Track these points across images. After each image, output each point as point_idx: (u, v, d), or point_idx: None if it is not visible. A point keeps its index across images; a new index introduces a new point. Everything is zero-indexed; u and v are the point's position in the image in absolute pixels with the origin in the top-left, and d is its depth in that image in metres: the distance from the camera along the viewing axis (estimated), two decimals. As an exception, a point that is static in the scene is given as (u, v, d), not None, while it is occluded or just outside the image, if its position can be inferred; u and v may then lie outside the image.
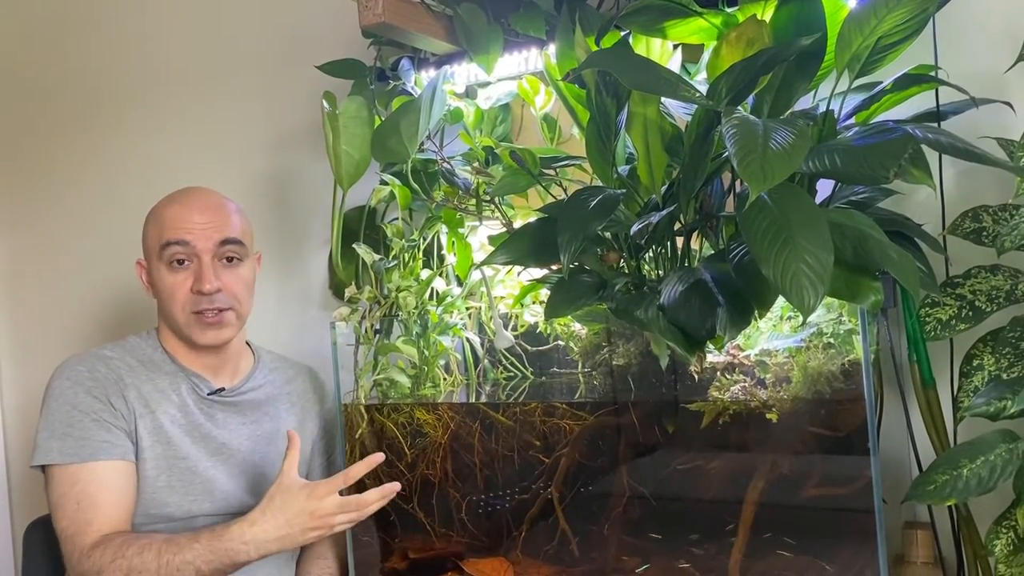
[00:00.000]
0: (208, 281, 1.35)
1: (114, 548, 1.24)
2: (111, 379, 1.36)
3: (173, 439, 1.37)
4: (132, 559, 1.23)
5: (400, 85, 1.50)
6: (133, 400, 1.36)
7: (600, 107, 1.15)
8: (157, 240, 1.37)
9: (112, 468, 1.31)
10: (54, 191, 2.14)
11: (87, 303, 2.09)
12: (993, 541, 1.12)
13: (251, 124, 1.89)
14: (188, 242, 1.36)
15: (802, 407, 1.11)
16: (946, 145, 1.06)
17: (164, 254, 1.36)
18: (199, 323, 1.37)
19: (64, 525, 1.29)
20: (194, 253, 1.36)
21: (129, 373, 1.38)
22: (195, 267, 1.36)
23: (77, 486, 1.29)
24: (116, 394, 1.35)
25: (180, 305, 1.37)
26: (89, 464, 1.30)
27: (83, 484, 1.29)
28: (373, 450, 1.37)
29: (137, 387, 1.37)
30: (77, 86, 2.10)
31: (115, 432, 1.33)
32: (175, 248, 1.36)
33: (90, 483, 1.30)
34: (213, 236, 1.37)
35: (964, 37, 1.29)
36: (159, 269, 1.38)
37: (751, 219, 0.96)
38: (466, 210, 1.42)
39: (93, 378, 1.36)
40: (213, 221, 1.37)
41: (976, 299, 1.17)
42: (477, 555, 1.33)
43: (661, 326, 1.05)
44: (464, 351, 1.46)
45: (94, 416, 1.32)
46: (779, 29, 1.10)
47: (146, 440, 1.35)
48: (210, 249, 1.36)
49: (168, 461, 1.35)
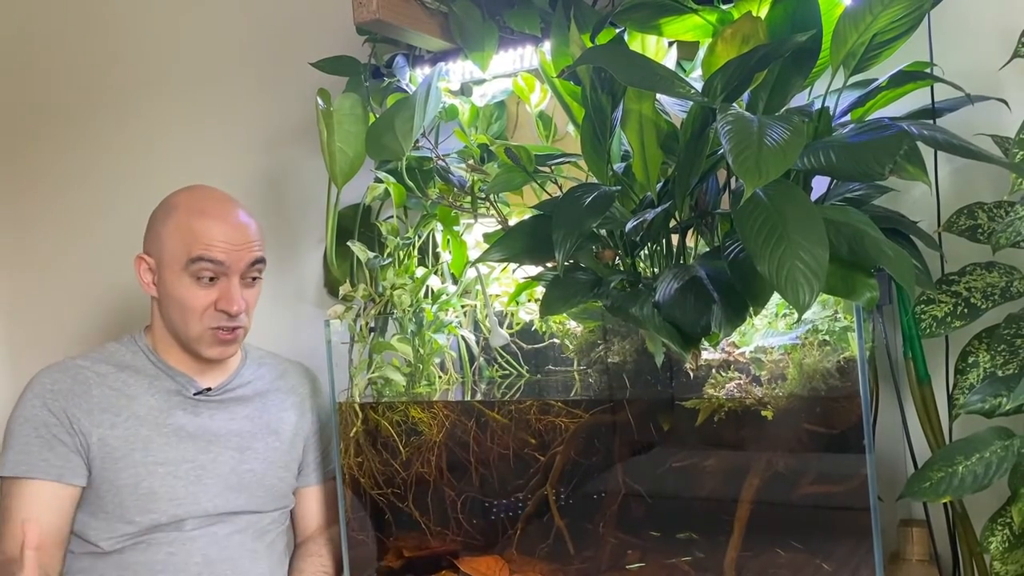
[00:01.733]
0: (237, 303, 1.35)
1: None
2: (76, 392, 1.36)
3: (151, 444, 1.36)
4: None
5: (395, 82, 1.50)
6: (99, 413, 1.35)
7: (595, 104, 1.15)
8: (184, 252, 1.34)
9: (38, 488, 1.31)
10: (51, 191, 2.13)
11: (87, 303, 2.08)
12: (989, 538, 1.12)
13: (245, 121, 1.88)
14: (223, 262, 1.34)
15: (797, 404, 1.11)
16: (942, 142, 1.05)
17: (191, 268, 1.34)
18: (214, 339, 1.37)
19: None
20: (224, 272, 1.35)
21: (99, 382, 1.37)
22: (222, 285, 1.35)
23: (6, 499, 1.32)
24: (76, 407, 1.35)
25: (198, 318, 1.36)
26: (21, 480, 1.31)
27: (10, 499, 1.31)
28: (368, 448, 1.37)
29: (105, 397, 1.36)
30: (71, 86, 2.10)
31: (59, 451, 1.32)
32: (206, 265, 1.34)
33: (14, 497, 1.31)
34: (245, 257, 1.36)
35: (959, 34, 1.29)
36: (180, 279, 1.35)
37: (746, 216, 0.95)
38: (461, 207, 1.41)
39: (54, 391, 1.35)
40: (246, 241, 1.37)
41: (971, 296, 1.17)
42: (472, 553, 1.33)
43: (656, 323, 1.05)
44: (459, 349, 1.46)
45: (40, 432, 1.33)
46: (774, 26, 1.10)
47: (119, 450, 1.34)
48: (241, 270, 1.36)
49: (148, 467, 1.34)
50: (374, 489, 1.38)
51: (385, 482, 1.37)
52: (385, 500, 1.37)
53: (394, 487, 1.36)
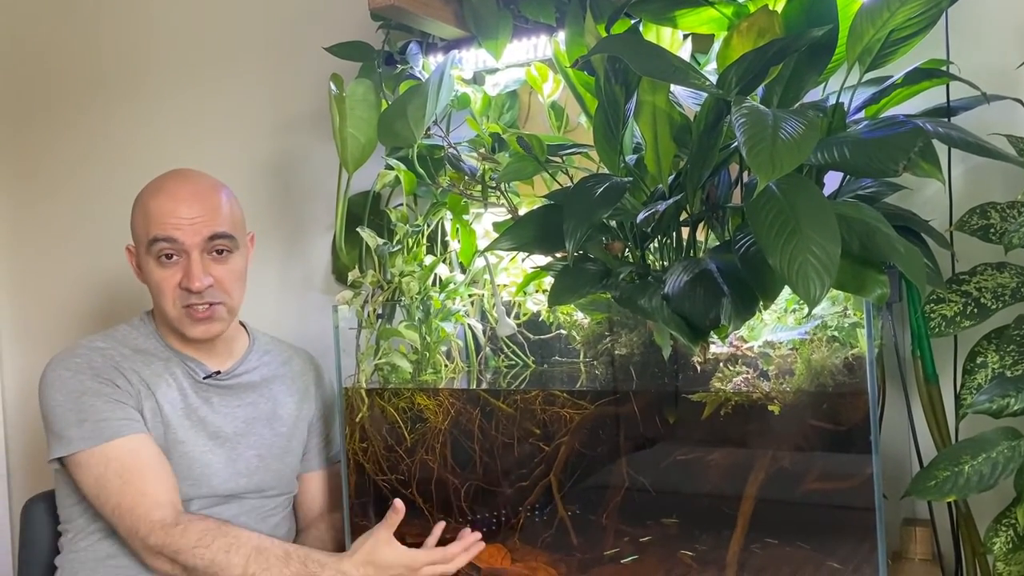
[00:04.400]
0: (197, 279, 1.32)
1: (197, 534, 1.23)
2: (109, 365, 1.36)
3: (172, 422, 1.36)
4: (217, 554, 1.22)
5: (408, 69, 1.49)
6: (136, 382, 1.36)
7: (609, 95, 1.14)
8: (144, 234, 1.34)
9: (139, 441, 1.30)
10: (57, 176, 2.14)
11: (90, 286, 2.08)
12: (992, 539, 1.11)
13: (256, 106, 1.88)
14: (176, 239, 1.32)
15: (804, 400, 1.11)
16: (956, 140, 1.05)
17: (152, 249, 1.33)
18: (189, 317, 1.36)
19: (116, 502, 1.27)
20: (183, 249, 1.33)
21: (124, 360, 1.37)
22: (184, 263, 1.33)
23: (112, 463, 1.28)
24: (119, 376, 1.35)
25: (170, 300, 1.35)
26: (116, 441, 1.29)
27: (118, 460, 1.28)
28: (373, 434, 1.37)
29: (136, 371, 1.37)
30: (80, 70, 2.10)
31: (128, 410, 1.32)
32: (162, 244, 1.33)
33: (125, 456, 1.28)
34: (202, 231, 1.33)
35: (976, 32, 1.28)
36: (147, 262, 1.35)
37: (759, 209, 0.95)
38: (471, 196, 1.41)
39: (91, 366, 1.35)
40: (202, 215, 1.34)
41: (982, 296, 1.16)
42: (475, 542, 1.33)
43: (665, 315, 1.05)
44: (466, 338, 1.46)
45: (106, 398, 1.32)
46: (790, 20, 1.09)
47: (149, 422, 1.35)
48: (199, 244, 1.33)
49: (167, 444, 1.35)
50: (378, 475, 1.38)
51: (389, 468, 1.37)
52: (388, 486, 1.37)
53: (398, 474, 1.36)
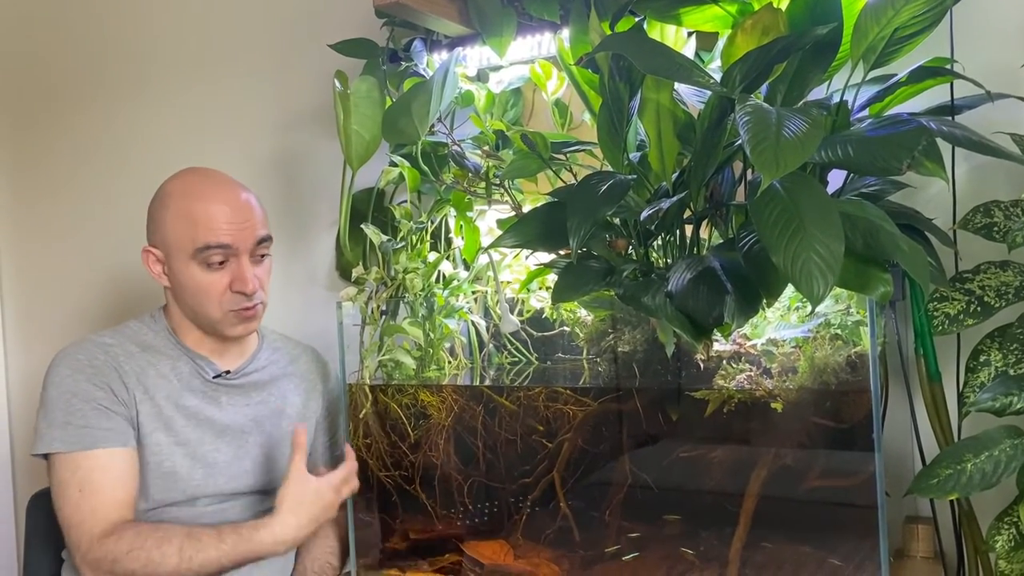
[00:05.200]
0: (251, 283, 1.35)
1: (129, 539, 1.24)
2: (110, 366, 1.36)
3: (174, 424, 1.36)
4: (151, 551, 1.23)
5: (412, 66, 1.50)
6: (133, 386, 1.36)
7: (613, 92, 1.14)
8: (190, 240, 1.34)
9: (114, 456, 1.31)
10: (59, 172, 2.14)
11: (95, 282, 2.09)
12: (994, 537, 1.12)
13: (260, 103, 1.89)
14: (230, 245, 1.34)
15: (807, 398, 1.11)
16: (960, 138, 1.05)
17: (200, 255, 1.34)
18: (237, 318, 1.37)
19: (68, 512, 1.29)
20: (232, 254, 1.35)
21: (128, 360, 1.38)
22: (233, 267, 1.35)
23: (79, 473, 1.29)
24: (116, 380, 1.35)
25: (216, 303, 1.36)
26: (91, 451, 1.30)
27: (85, 471, 1.29)
28: (377, 430, 1.37)
29: (136, 373, 1.37)
30: (82, 67, 2.10)
31: (116, 419, 1.33)
32: (215, 251, 1.33)
33: (92, 470, 1.30)
34: (251, 237, 1.36)
35: (981, 31, 1.28)
36: (189, 267, 1.35)
37: (762, 207, 0.95)
38: (475, 193, 1.42)
39: (92, 365, 1.35)
40: (249, 220, 1.36)
41: (985, 294, 1.16)
42: (478, 537, 1.34)
43: (668, 313, 1.05)
44: (469, 334, 1.46)
45: (94, 404, 1.32)
46: (795, 18, 1.09)
47: (147, 426, 1.35)
48: (249, 249, 1.36)
49: (170, 447, 1.35)
50: (381, 471, 1.38)
51: (393, 464, 1.38)
52: (392, 482, 1.37)
53: (401, 470, 1.37)
